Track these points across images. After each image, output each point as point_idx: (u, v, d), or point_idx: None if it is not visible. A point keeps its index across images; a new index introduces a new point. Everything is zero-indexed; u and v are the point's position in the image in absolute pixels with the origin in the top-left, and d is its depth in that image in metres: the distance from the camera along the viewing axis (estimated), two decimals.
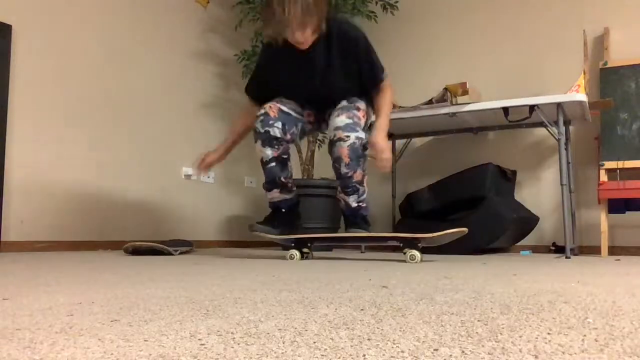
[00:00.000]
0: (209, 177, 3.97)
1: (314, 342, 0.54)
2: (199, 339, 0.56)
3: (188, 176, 3.80)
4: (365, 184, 2.25)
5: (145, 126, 3.51)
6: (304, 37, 2.05)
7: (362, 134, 2.14)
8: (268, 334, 0.59)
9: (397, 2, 3.75)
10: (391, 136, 3.72)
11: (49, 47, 2.99)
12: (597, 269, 1.73)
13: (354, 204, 2.25)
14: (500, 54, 3.73)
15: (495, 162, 3.45)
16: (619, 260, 2.50)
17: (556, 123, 2.81)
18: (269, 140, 2.20)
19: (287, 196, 2.34)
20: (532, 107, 2.85)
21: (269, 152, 2.22)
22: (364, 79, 2.25)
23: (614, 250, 3.22)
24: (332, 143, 2.16)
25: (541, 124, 3.00)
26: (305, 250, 2.25)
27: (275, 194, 2.32)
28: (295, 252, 2.21)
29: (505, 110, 2.93)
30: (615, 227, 3.24)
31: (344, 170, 2.15)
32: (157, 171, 3.58)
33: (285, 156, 2.27)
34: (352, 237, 2.35)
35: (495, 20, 3.77)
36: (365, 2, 3.64)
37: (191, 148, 3.84)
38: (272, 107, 2.23)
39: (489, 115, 3.13)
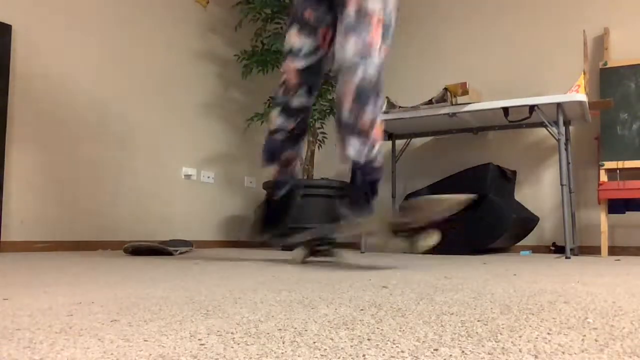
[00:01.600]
0: (209, 177, 3.96)
1: (314, 342, 0.54)
2: (199, 339, 0.56)
3: (188, 176, 3.80)
4: (376, 132, 1.74)
5: (145, 126, 3.51)
6: None
7: (372, 65, 1.68)
8: (268, 334, 0.59)
9: None
10: (391, 136, 3.73)
11: (49, 47, 2.99)
12: (597, 269, 1.73)
13: (352, 152, 1.73)
14: (500, 54, 3.73)
15: (495, 162, 3.45)
16: (619, 260, 2.50)
17: (556, 123, 2.81)
18: (287, 109, 1.87)
19: (285, 179, 1.95)
20: (532, 107, 2.85)
21: (284, 123, 1.88)
22: None
23: (614, 250, 3.22)
24: (337, 73, 1.75)
25: (541, 124, 3.00)
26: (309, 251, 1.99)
27: (273, 170, 1.93)
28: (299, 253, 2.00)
29: (505, 110, 2.93)
30: (615, 227, 3.24)
31: (345, 115, 1.70)
32: (157, 171, 3.58)
33: (299, 131, 1.92)
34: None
35: (496, 20, 3.77)
36: None
37: (191, 148, 3.84)
38: (289, 72, 1.86)
39: (489, 115, 3.13)
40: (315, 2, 1.84)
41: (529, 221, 3.19)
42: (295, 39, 1.86)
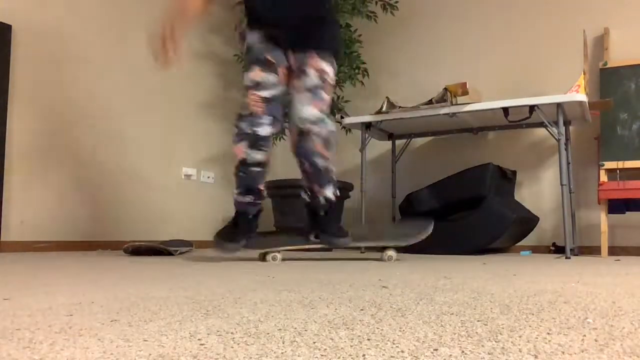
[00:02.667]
0: (209, 177, 3.97)
1: (314, 342, 0.54)
2: (199, 339, 0.56)
3: (188, 176, 3.80)
4: (334, 170, 2.12)
5: (145, 126, 3.51)
6: None
7: (332, 127, 2.04)
8: (268, 334, 0.59)
9: (397, 2, 3.75)
10: (391, 136, 3.73)
11: (49, 47, 2.99)
12: (597, 269, 1.73)
13: (332, 196, 2.11)
14: (500, 54, 3.73)
15: (495, 162, 3.45)
16: (619, 260, 2.50)
17: (556, 123, 2.81)
18: (256, 142, 2.00)
19: (257, 202, 2.12)
20: (532, 107, 2.85)
21: (258, 156, 2.02)
22: None
23: (614, 250, 3.22)
24: (302, 134, 2.00)
25: (541, 124, 3.00)
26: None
27: (248, 199, 2.09)
28: (277, 255, 2.09)
29: (505, 110, 2.93)
30: (615, 227, 3.24)
31: (322, 164, 2.03)
32: (157, 171, 3.58)
33: (269, 161, 2.10)
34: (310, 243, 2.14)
35: (495, 20, 3.77)
36: (365, 2, 3.63)
37: (191, 148, 3.84)
38: (256, 102, 2.00)
39: (489, 115, 3.13)
40: (272, 48, 2.07)
41: (529, 221, 3.19)
42: (258, 75, 2.04)
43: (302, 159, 2.04)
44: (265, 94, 2.02)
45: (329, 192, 2.11)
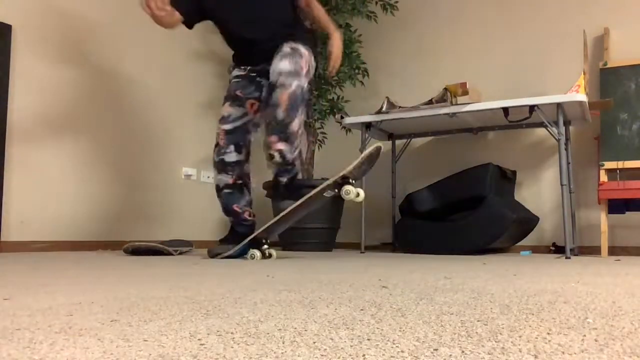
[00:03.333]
0: (209, 177, 3.97)
1: (314, 342, 0.54)
2: (199, 339, 0.56)
3: (188, 176, 3.80)
4: (299, 139, 2.19)
5: (145, 126, 3.51)
6: None
7: (304, 82, 2.13)
8: (268, 334, 0.59)
9: (397, 2, 3.75)
10: (391, 136, 3.73)
11: (49, 47, 2.99)
12: (597, 269, 1.73)
13: (289, 156, 2.15)
14: (500, 54, 3.73)
15: (495, 162, 3.45)
16: (619, 260, 2.50)
17: (556, 123, 2.81)
18: (223, 167, 2.28)
19: (244, 223, 2.36)
20: (532, 107, 2.85)
21: (224, 179, 2.29)
22: None
23: (614, 250, 3.22)
24: (273, 87, 2.13)
25: (541, 124, 3.00)
26: (264, 247, 2.25)
27: (231, 219, 2.38)
28: (256, 252, 2.20)
29: (505, 110, 2.93)
30: (615, 227, 3.24)
31: (280, 115, 2.08)
32: (157, 171, 3.58)
33: (240, 181, 2.32)
34: (293, 210, 2.17)
35: (495, 20, 3.77)
36: (365, 2, 3.64)
37: (191, 148, 3.84)
38: (220, 134, 2.31)
39: (489, 115, 3.13)
40: (245, 85, 2.36)
41: (529, 221, 3.19)
42: (227, 109, 2.33)
43: (268, 110, 2.15)
44: (227, 127, 2.31)
45: (285, 148, 2.13)
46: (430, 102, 3.09)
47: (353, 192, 2.04)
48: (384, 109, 3.23)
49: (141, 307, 0.79)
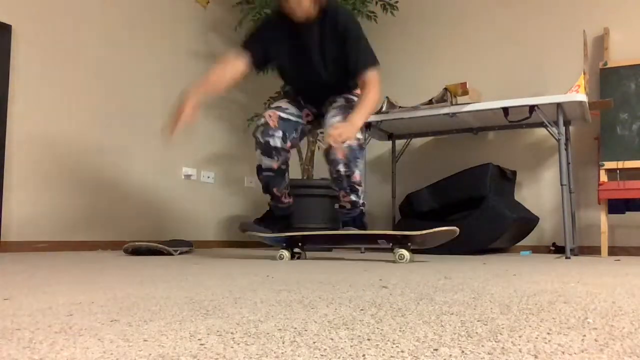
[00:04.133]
0: (209, 177, 3.97)
1: (314, 342, 0.54)
2: (199, 339, 0.56)
3: (188, 176, 3.80)
4: (363, 185, 2.24)
5: (145, 126, 3.51)
6: (298, 3, 2.08)
7: (359, 135, 2.15)
8: (268, 334, 0.59)
9: (397, 2, 3.75)
10: (391, 136, 3.73)
11: (49, 47, 2.99)
12: (597, 269, 1.73)
13: (357, 199, 2.23)
14: (500, 54, 3.73)
15: (495, 162, 3.44)
16: (619, 260, 2.50)
17: (556, 123, 2.81)
18: (268, 150, 2.22)
19: (280, 205, 2.39)
20: (532, 107, 2.85)
21: (268, 162, 2.25)
22: (350, 64, 2.21)
23: (614, 250, 3.21)
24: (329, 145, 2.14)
25: (541, 124, 2.99)
26: (296, 250, 2.24)
27: (268, 199, 2.39)
28: (285, 252, 2.19)
29: (505, 110, 2.93)
30: (615, 227, 3.24)
31: (342, 169, 2.13)
32: (157, 171, 3.58)
33: (284, 167, 2.30)
34: (342, 235, 2.26)
35: (495, 20, 3.77)
36: (365, 2, 3.64)
37: (191, 148, 3.84)
38: (272, 116, 2.24)
39: (489, 115, 3.13)
40: (308, 103, 2.40)
41: (528, 221, 3.19)
42: (285, 103, 2.34)
43: (330, 166, 2.17)
44: (282, 114, 2.28)
45: (352, 196, 2.21)
46: (430, 102, 3.09)
47: (407, 257, 1.99)
48: (384, 109, 3.23)
49: (141, 307, 0.79)
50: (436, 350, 0.51)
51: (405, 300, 0.88)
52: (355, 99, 2.30)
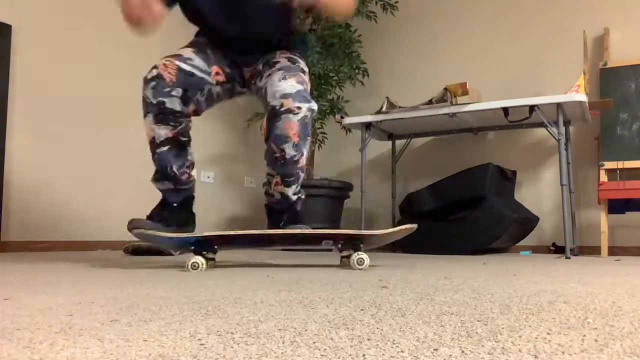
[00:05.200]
0: (209, 177, 3.96)
1: (314, 342, 0.54)
2: (199, 339, 0.56)
3: None
4: (304, 171, 1.84)
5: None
6: None
7: (314, 105, 1.72)
8: (268, 334, 0.59)
9: (397, 2, 3.75)
10: (391, 136, 3.73)
11: (49, 47, 2.99)
12: (597, 269, 1.73)
13: (293, 197, 1.83)
14: (500, 54, 3.73)
15: (495, 162, 3.44)
16: (619, 260, 2.50)
17: (556, 123, 2.81)
18: (163, 115, 1.73)
19: (179, 187, 1.90)
20: (532, 107, 2.85)
21: (163, 132, 1.76)
22: None
23: (614, 251, 3.21)
24: (276, 114, 1.68)
25: (541, 124, 2.99)
26: (209, 255, 1.64)
27: (167, 186, 1.87)
28: (199, 260, 1.56)
29: (505, 110, 2.93)
30: (615, 227, 3.24)
31: (290, 152, 1.71)
32: None
33: (184, 138, 1.85)
34: (275, 235, 1.71)
35: (495, 20, 3.77)
36: (365, 2, 3.64)
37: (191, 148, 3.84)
38: (168, 66, 1.73)
39: (489, 115, 3.13)
40: (220, 56, 1.84)
41: (528, 221, 3.19)
42: (189, 52, 1.80)
43: (272, 144, 1.72)
44: (184, 65, 1.75)
45: (289, 191, 1.81)
46: (430, 102, 3.09)
47: (366, 262, 1.58)
48: (384, 109, 3.23)
49: (141, 307, 0.79)
50: (436, 350, 0.51)
51: (405, 300, 0.87)
52: (301, 61, 1.82)
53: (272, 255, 2.59)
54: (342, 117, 3.45)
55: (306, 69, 1.83)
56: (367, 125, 3.32)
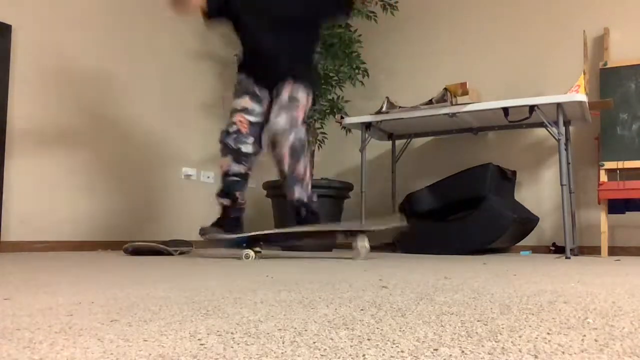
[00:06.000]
0: (209, 177, 3.97)
1: (314, 342, 0.54)
2: (199, 339, 0.56)
3: (188, 176, 3.80)
4: (308, 176, 2.39)
5: (145, 126, 3.51)
6: None
7: (300, 130, 2.32)
8: (268, 334, 0.59)
9: (397, 2, 3.75)
10: (391, 136, 3.73)
11: (49, 47, 2.99)
12: (597, 269, 1.73)
13: (304, 197, 2.38)
14: (500, 54, 3.73)
15: (495, 162, 3.44)
16: (619, 260, 2.50)
17: (556, 123, 2.81)
18: (238, 156, 2.33)
19: (238, 207, 2.42)
20: (532, 107, 2.85)
21: (237, 168, 2.34)
22: None
23: (614, 250, 3.22)
24: (273, 143, 2.33)
25: (541, 124, 2.99)
26: (257, 249, 2.31)
27: (227, 203, 2.41)
28: (250, 252, 2.24)
29: (505, 110, 2.93)
30: (615, 227, 3.24)
31: (285, 168, 2.33)
32: (157, 171, 3.58)
33: (250, 172, 2.40)
34: (294, 233, 2.37)
35: (495, 20, 3.77)
36: (365, 2, 3.63)
37: (191, 148, 3.84)
38: (242, 122, 2.35)
39: (489, 115, 3.13)
40: (261, 86, 2.40)
41: (528, 221, 3.19)
42: (248, 103, 2.38)
43: (274, 160, 2.35)
44: (252, 119, 2.37)
45: (298, 194, 2.37)
46: (430, 102, 3.09)
47: (367, 248, 2.24)
48: (384, 109, 3.23)
49: (141, 307, 0.79)
50: (436, 350, 0.51)
51: (405, 300, 0.88)
52: (301, 99, 2.37)
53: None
54: (342, 117, 3.45)
55: (302, 98, 2.36)
56: (367, 125, 3.32)
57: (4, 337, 0.57)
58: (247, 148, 2.33)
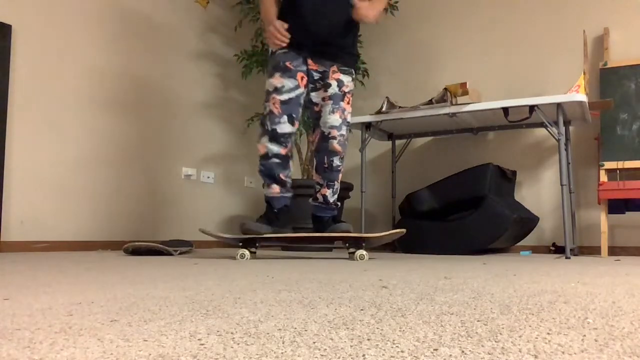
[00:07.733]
0: (209, 177, 3.97)
1: (314, 342, 0.54)
2: (199, 339, 0.56)
3: (188, 176, 3.80)
4: (339, 180, 2.48)
5: (145, 126, 3.51)
6: None
7: (346, 131, 2.42)
8: (268, 334, 0.59)
9: (397, 2, 3.75)
10: (391, 136, 3.73)
11: (49, 47, 2.99)
12: (597, 269, 1.73)
13: (331, 199, 2.44)
14: (500, 54, 3.73)
15: (495, 162, 3.45)
16: (619, 260, 2.50)
17: (556, 123, 2.81)
18: (276, 137, 2.32)
19: (284, 195, 2.42)
20: (532, 108, 2.85)
21: (275, 148, 2.33)
22: None
23: (614, 250, 3.22)
24: (325, 138, 2.39)
25: (541, 124, 3.00)
26: (252, 249, 2.33)
27: (274, 190, 2.40)
28: (245, 252, 2.24)
29: (505, 110, 2.93)
30: (615, 227, 3.24)
31: (337, 162, 2.40)
32: (157, 171, 3.58)
33: (290, 153, 2.40)
34: (304, 237, 2.35)
35: (495, 20, 3.77)
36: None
37: (191, 148, 3.84)
38: (275, 104, 2.34)
39: (489, 115, 3.13)
40: (293, 56, 2.37)
41: (529, 221, 3.19)
42: (278, 80, 2.36)
43: (323, 157, 2.39)
44: (282, 97, 2.35)
45: (329, 192, 2.43)
46: (430, 102, 3.09)
47: (366, 257, 2.25)
48: (384, 109, 3.23)
49: (141, 307, 0.79)
50: (436, 350, 0.51)
51: (405, 300, 0.88)
52: (348, 87, 2.43)
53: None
54: None
55: (350, 87, 2.45)
56: (367, 125, 3.32)
57: (4, 337, 0.57)
58: (282, 128, 2.32)
